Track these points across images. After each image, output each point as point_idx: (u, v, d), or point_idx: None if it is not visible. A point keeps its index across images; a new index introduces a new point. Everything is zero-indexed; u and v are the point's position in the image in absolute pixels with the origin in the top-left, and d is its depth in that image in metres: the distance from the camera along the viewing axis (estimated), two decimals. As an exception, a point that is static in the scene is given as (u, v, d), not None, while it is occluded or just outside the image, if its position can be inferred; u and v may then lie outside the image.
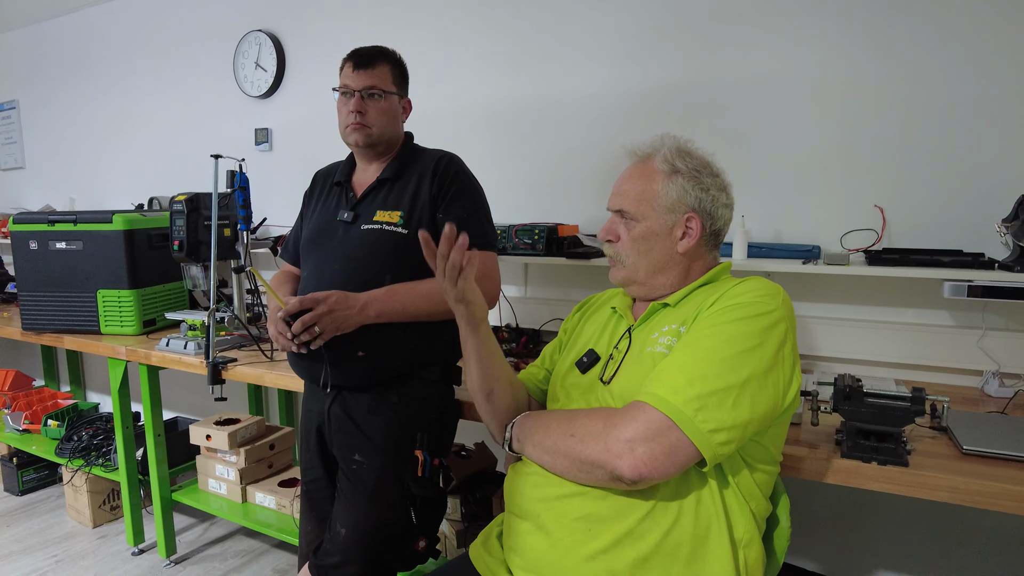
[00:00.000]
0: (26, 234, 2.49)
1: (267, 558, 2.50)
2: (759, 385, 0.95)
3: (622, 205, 1.16)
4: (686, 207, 1.12)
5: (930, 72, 1.72)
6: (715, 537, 0.99)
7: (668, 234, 1.13)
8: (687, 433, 0.91)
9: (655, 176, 1.14)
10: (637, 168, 1.17)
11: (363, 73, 1.52)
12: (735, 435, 0.93)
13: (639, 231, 1.14)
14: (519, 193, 2.37)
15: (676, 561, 0.97)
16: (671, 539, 0.97)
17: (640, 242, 1.14)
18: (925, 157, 1.75)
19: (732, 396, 0.93)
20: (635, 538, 0.98)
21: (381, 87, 1.54)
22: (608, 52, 2.15)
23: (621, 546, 0.98)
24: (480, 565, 1.17)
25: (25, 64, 3.97)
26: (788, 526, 1.16)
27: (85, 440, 2.77)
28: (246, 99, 3.01)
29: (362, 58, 1.54)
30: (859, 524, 1.91)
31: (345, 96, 1.54)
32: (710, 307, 1.04)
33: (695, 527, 0.98)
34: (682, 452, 0.92)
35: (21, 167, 4.13)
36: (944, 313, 1.76)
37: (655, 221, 1.13)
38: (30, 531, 2.73)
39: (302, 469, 1.62)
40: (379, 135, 1.55)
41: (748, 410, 0.94)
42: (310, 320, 1.37)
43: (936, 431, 1.39)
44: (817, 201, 1.88)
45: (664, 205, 1.13)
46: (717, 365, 0.95)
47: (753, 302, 1.01)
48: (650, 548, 0.97)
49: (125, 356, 2.30)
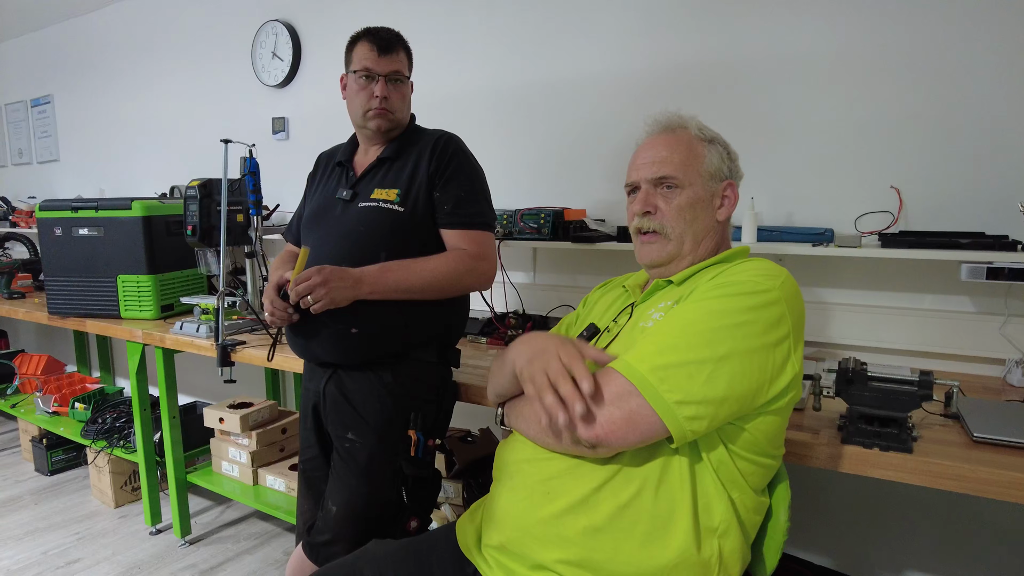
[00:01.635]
0: (52, 221, 2.56)
1: (278, 540, 2.53)
2: (740, 363, 0.91)
3: (666, 171, 1.10)
4: (723, 175, 1.12)
5: (951, 45, 1.64)
6: (679, 520, 0.94)
7: (710, 202, 1.11)
8: (649, 400, 0.88)
9: (696, 143, 1.12)
10: (671, 137, 1.13)
11: (387, 58, 1.51)
12: (705, 411, 0.89)
13: (685, 198, 1.10)
14: (527, 177, 2.35)
15: (630, 537, 0.94)
16: (627, 514, 0.94)
17: (687, 210, 1.10)
18: (944, 135, 1.67)
19: (706, 371, 0.89)
20: (589, 506, 0.95)
21: (404, 72, 1.55)
22: (616, 32, 2.11)
23: (574, 512, 0.95)
24: (460, 532, 1.16)
25: (59, 60, 4.10)
26: (785, 520, 1.10)
27: (108, 422, 2.84)
28: (264, 88, 3.05)
29: (385, 42, 1.52)
30: (872, 516, 1.84)
31: (366, 80, 1.52)
32: (705, 283, 1.01)
33: (655, 506, 0.94)
34: (644, 420, 0.89)
35: (56, 160, 4.27)
36: (964, 299, 1.68)
37: (701, 187, 1.10)
38: (56, 509, 2.82)
39: (300, 448, 1.63)
40: (398, 120, 1.56)
41: (724, 388, 0.89)
42: (304, 290, 1.37)
43: (948, 418, 1.33)
44: (831, 182, 1.81)
45: (708, 171, 1.11)
46: (693, 337, 0.91)
47: (747, 280, 0.97)
48: (603, 519, 0.94)
49: (142, 339, 2.35)
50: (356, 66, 1.53)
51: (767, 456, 1.02)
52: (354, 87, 1.54)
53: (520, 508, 1.02)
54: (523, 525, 1.00)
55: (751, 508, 1.02)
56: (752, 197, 1.83)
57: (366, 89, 1.52)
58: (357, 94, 1.53)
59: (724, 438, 0.97)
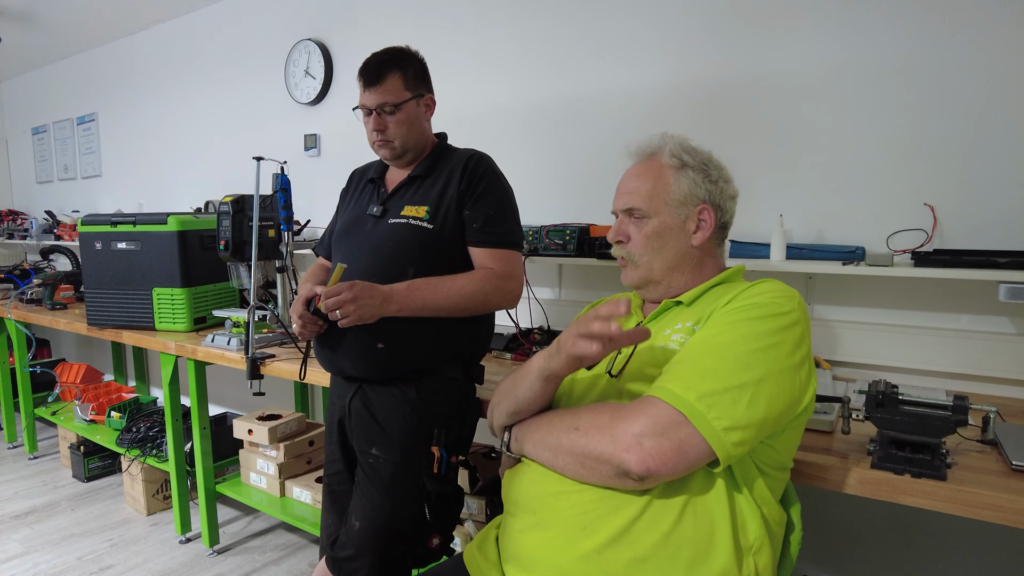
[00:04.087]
0: (92, 235, 2.65)
1: (304, 553, 2.55)
2: (776, 384, 0.92)
3: (632, 203, 1.15)
4: (698, 199, 1.12)
5: (987, 59, 1.60)
6: (720, 542, 0.94)
7: (681, 228, 1.13)
8: (699, 429, 0.88)
9: (664, 171, 1.14)
10: (643, 166, 1.17)
11: (374, 90, 1.52)
12: (750, 435, 0.90)
13: (652, 228, 1.13)
14: (553, 193, 2.36)
15: (676, 565, 0.93)
16: (671, 541, 0.93)
17: (653, 239, 1.13)
18: (980, 151, 1.62)
19: (748, 394, 0.90)
20: (631, 538, 0.94)
21: (393, 101, 1.52)
22: (640, 49, 2.11)
23: (616, 545, 0.94)
24: (472, 567, 1.15)
25: (103, 79, 4.26)
26: (800, 529, 1.12)
27: (142, 431, 2.91)
28: (296, 106, 3.12)
29: (371, 74, 1.53)
30: (905, 545, 1.78)
31: (365, 115, 1.55)
32: (724, 306, 1.02)
33: (696, 530, 0.93)
34: (693, 449, 0.88)
35: (99, 175, 4.42)
36: (1004, 319, 1.63)
37: (668, 216, 1.13)
38: (91, 515, 2.89)
39: (325, 462, 1.65)
40: (403, 146, 1.57)
41: (764, 410, 0.91)
42: (334, 304, 1.38)
43: (985, 444, 1.28)
44: (863, 199, 1.78)
45: (676, 199, 1.13)
46: (731, 362, 0.92)
47: (770, 303, 0.99)
48: (647, 549, 0.93)
49: (175, 351, 2.41)
50: (357, 102, 1.57)
51: (784, 470, 1.05)
52: (363, 121, 1.58)
53: (555, 547, 0.99)
54: (560, 564, 0.98)
55: (778, 522, 1.03)
56: (781, 214, 1.80)
57: (367, 123, 1.56)
58: (364, 127, 1.58)
59: (753, 456, 0.98)
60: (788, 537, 1.11)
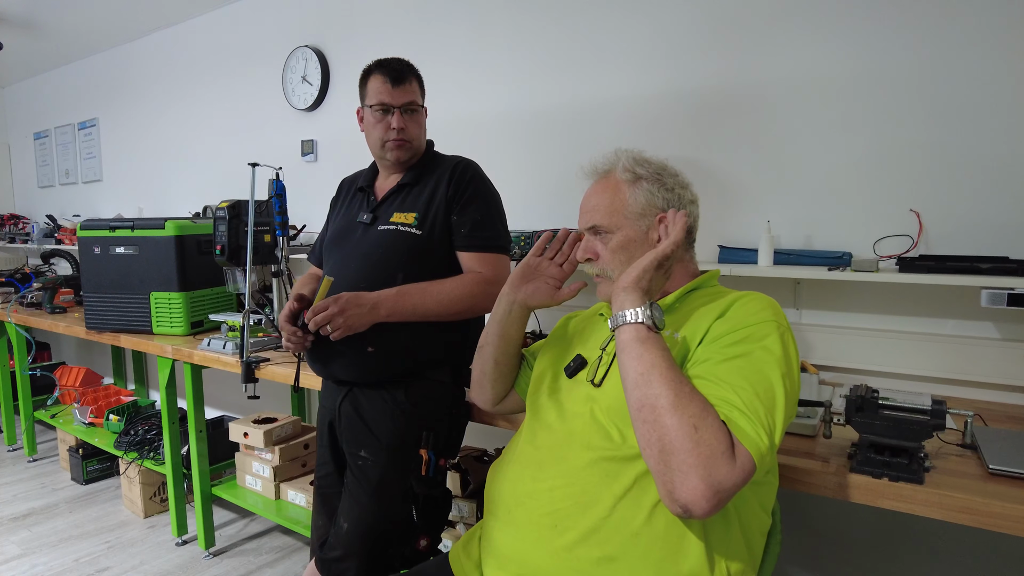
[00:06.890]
0: (91, 239, 2.68)
1: (299, 555, 2.57)
2: (791, 402, 0.95)
3: (594, 221, 1.17)
4: (656, 209, 1.14)
5: (972, 67, 1.62)
6: (690, 543, 0.95)
7: (644, 239, 1.15)
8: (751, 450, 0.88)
9: (620, 186, 1.16)
10: (600, 184, 1.19)
11: (401, 89, 1.55)
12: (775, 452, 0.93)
13: (616, 242, 1.15)
14: (546, 199, 2.37)
15: (646, 564, 0.94)
16: (641, 541, 0.95)
17: (619, 252, 1.15)
18: (966, 158, 1.64)
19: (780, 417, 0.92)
20: (602, 536, 0.96)
21: (418, 101, 1.59)
22: (635, 57, 2.13)
23: (587, 543, 0.96)
24: (456, 566, 1.17)
25: (104, 85, 4.30)
26: (779, 530, 1.15)
27: (140, 434, 2.93)
28: (293, 112, 3.15)
29: (397, 73, 1.56)
30: (890, 547, 1.80)
31: (382, 113, 1.56)
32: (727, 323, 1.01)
33: (667, 531, 0.95)
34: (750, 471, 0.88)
35: (99, 180, 4.46)
36: (988, 324, 1.64)
37: (630, 228, 1.15)
38: (89, 518, 2.91)
39: (316, 465, 1.67)
40: (416, 148, 1.61)
41: (783, 427, 0.93)
42: (322, 320, 1.41)
43: (965, 448, 1.30)
44: (850, 205, 1.79)
45: (635, 211, 1.15)
46: (782, 399, 0.93)
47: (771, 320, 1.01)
48: (616, 548, 0.95)
49: (171, 355, 2.43)
50: (371, 100, 1.57)
51: (774, 474, 1.07)
52: (371, 120, 1.58)
53: (527, 544, 1.02)
54: (532, 560, 1.01)
55: (756, 530, 1.04)
56: (768, 220, 1.82)
57: (383, 121, 1.56)
58: (374, 127, 1.58)
59: None
60: (768, 539, 1.12)
